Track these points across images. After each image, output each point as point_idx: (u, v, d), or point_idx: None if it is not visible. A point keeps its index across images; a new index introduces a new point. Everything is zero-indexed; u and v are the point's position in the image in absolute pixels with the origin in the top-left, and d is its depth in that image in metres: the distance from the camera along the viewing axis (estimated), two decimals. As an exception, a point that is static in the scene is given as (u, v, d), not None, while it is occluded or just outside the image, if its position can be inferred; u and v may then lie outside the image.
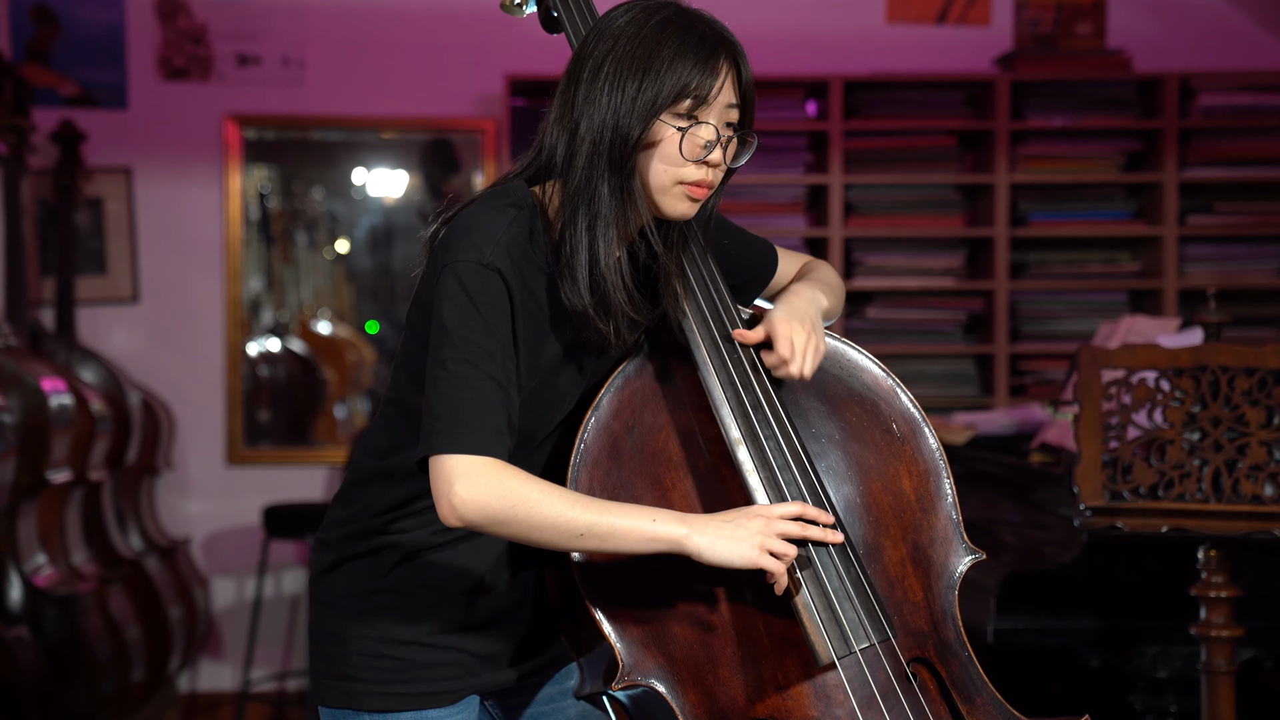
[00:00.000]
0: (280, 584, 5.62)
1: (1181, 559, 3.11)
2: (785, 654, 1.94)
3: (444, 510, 1.82)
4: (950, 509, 2.03)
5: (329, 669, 1.98)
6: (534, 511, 1.81)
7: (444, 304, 1.85)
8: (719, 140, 1.90)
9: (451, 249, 1.87)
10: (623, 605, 1.92)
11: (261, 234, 5.82)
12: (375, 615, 1.96)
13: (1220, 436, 2.82)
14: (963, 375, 5.38)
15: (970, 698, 1.98)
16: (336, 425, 5.97)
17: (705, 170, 1.90)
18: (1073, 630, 3.35)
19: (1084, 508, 2.87)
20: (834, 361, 2.04)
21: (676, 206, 1.91)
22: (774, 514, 1.88)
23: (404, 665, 1.96)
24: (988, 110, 5.35)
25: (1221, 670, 2.93)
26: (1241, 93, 5.35)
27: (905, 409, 2.05)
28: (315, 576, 2.04)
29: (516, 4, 2.05)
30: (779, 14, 5.59)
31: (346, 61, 5.59)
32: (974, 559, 2.03)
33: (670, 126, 1.88)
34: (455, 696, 1.98)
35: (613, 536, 1.84)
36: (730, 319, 2.00)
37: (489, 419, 1.82)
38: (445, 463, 1.81)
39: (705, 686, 1.93)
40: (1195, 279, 5.32)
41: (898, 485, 2.03)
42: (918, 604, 2.00)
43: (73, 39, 5.52)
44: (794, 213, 5.37)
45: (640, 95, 1.86)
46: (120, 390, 5.05)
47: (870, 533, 2.00)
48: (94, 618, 4.41)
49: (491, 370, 1.83)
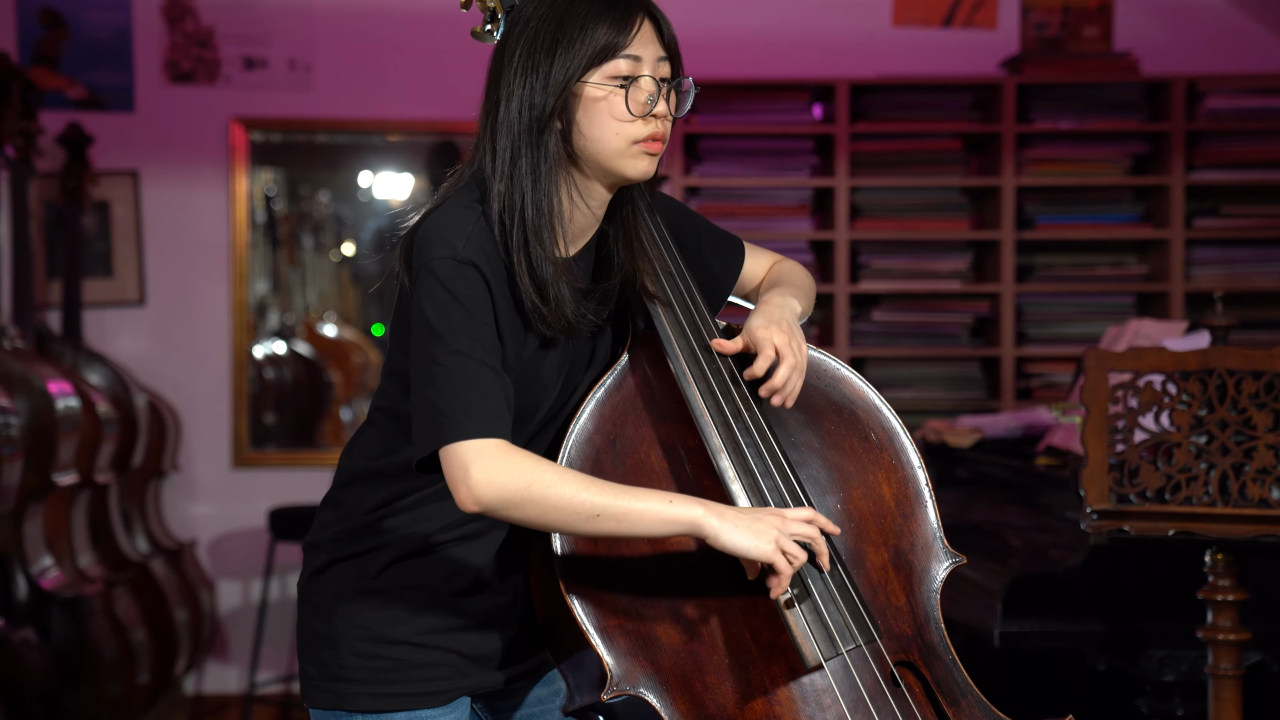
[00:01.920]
0: (286, 586, 5.62)
1: (1188, 562, 3.11)
2: (772, 660, 1.95)
3: (461, 496, 1.82)
4: (930, 514, 2.06)
5: (320, 671, 1.99)
6: (550, 493, 1.82)
7: (426, 303, 1.86)
8: (660, 92, 1.92)
9: (425, 250, 1.89)
10: (610, 616, 1.93)
11: (268, 237, 5.82)
12: (366, 615, 1.97)
13: (1227, 440, 2.81)
14: (969, 378, 5.38)
15: (955, 700, 2.00)
16: (342, 428, 5.97)
17: (654, 124, 1.92)
18: (1079, 634, 3.34)
19: (1090, 511, 2.87)
20: (812, 373, 2.06)
21: (637, 165, 1.93)
22: (789, 516, 1.89)
23: (396, 665, 1.96)
24: (994, 113, 5.35)
25: (1228, 674, 2.93)
26: (1248, 96, 5.34)
27: (883, 418, 2.08)
28: (306, 579, 2.03)
29: (487, 30, 2.07)
30: (785, 17, 5.59)
31: (353, 65, 5.59)
32: (954, 563, 2.06)
33: (609, 89, 1.90)
34: (448, 697, 1.98)
35: (628, 518, 1.84)
36: (708, 329, 2.02)
37: (491, 403, 1.83)
38: (457, 450, 1.82)
39: (694, 694, 1.93)
40: (1202, 282, 5.31)
41: (878, 492, 2.05)
42: (901, 608, 2.02)
43: (80, 42, 5.53)
44: (800, 215, 5.37)
45: (553, 70, 1.89)
46: (126, 393, 5.05)
47: (852, 539, 2.03)
48: (100, 620, 4.41)
49: (483, 357, 1.84)
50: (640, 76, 1.91)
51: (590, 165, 1.93)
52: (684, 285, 2.03)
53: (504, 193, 1.91)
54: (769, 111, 5.34)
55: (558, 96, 1.89)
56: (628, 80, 1.90)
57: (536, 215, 1.90)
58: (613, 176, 1.94)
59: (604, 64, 1.89)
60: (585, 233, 1.99)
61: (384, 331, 6.06)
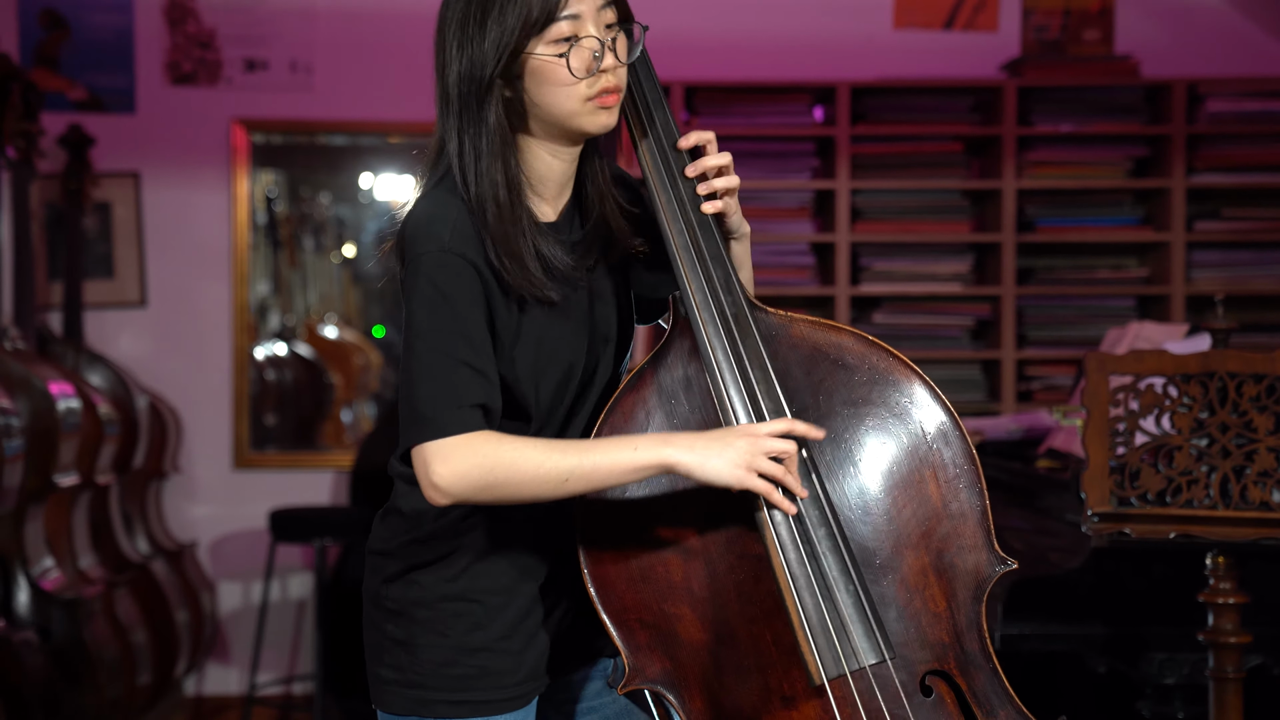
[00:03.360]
0: (286, 588, 5.62)
1: (1189, 565, 3.11)
2: (792, 665, 1.92)
3: (429, 494, 1.85)
4: (980, 515, 1.96)
5: (398, 677, 1.98)
6: (514, 470, 1.83)
7: (413, 298, 1.88)
8: (605, 45, 1.90)
9: (414, 245, 1.90)
10: (630, 609, 1.92)
11: (269, 238, 5.82)
12: (446, 623, 1.96)
13: (1228, 442, 2.81)
14: (969, 381, 5.38)
15: (994, 711, 1.93)
16: (343, 429, 5.97)
17: (604, 78, 1.91)
18: (1080, 637, 3.34)
19: (1091, 514, 2.87)
20: (861, 363, 1.99)
21: (596, 120, 1.92)
22: (760, 432, 1.86)
23: (477, 673, 1.96)
24: (995, 116, 5.35)
25: (1229, 677, 2.93)
26: (1249, 99, 5.35)
27: (936, 412, 1.98)
28: (378, 585, 2.02)
29: None
30: (786, 19, 5.59)
31: (354, 66, 5.59)
32: (1004, 568, 1.96)
33: (550, 53, 1.88)
34: (525, 700, 1.99)
35: (597, 473, 1.85)
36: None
37: (462, 399, 1.84)
38: (421, 451, 1.85)
39: (711, 694, 1.92)
40: (1203, 285, 5.31)
41: (923, 491, 1.96)
42: (939, 614, 1.94)
43: (81, 44, 5.53)
44: (801, 218, 5.37)
45: (487, 40, 1.88)
46: (128, 394, 5.05)
47: (890, 541, 1.95)
48: (101, 621, 4.41)
49: (463, 355, 1.85)
50: (583, 36, 1.89)
51: (550, 128, 1.93)
52: (711, 253, 2.00)
53: (459, 169, 1.92)
54: (770, 114, 5.34)
55: (494, 67, 1.88)
56: (570, 42, 1.88)
57: (491, 188, 1.90)
58: (573, 134, 1.94)
59: (545, 30, 1.88)
60: (564, 189, 1.99)
61: (385, 333, 6.06)
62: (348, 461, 5.62)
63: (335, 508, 5.38)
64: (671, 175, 1.99)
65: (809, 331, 1.99)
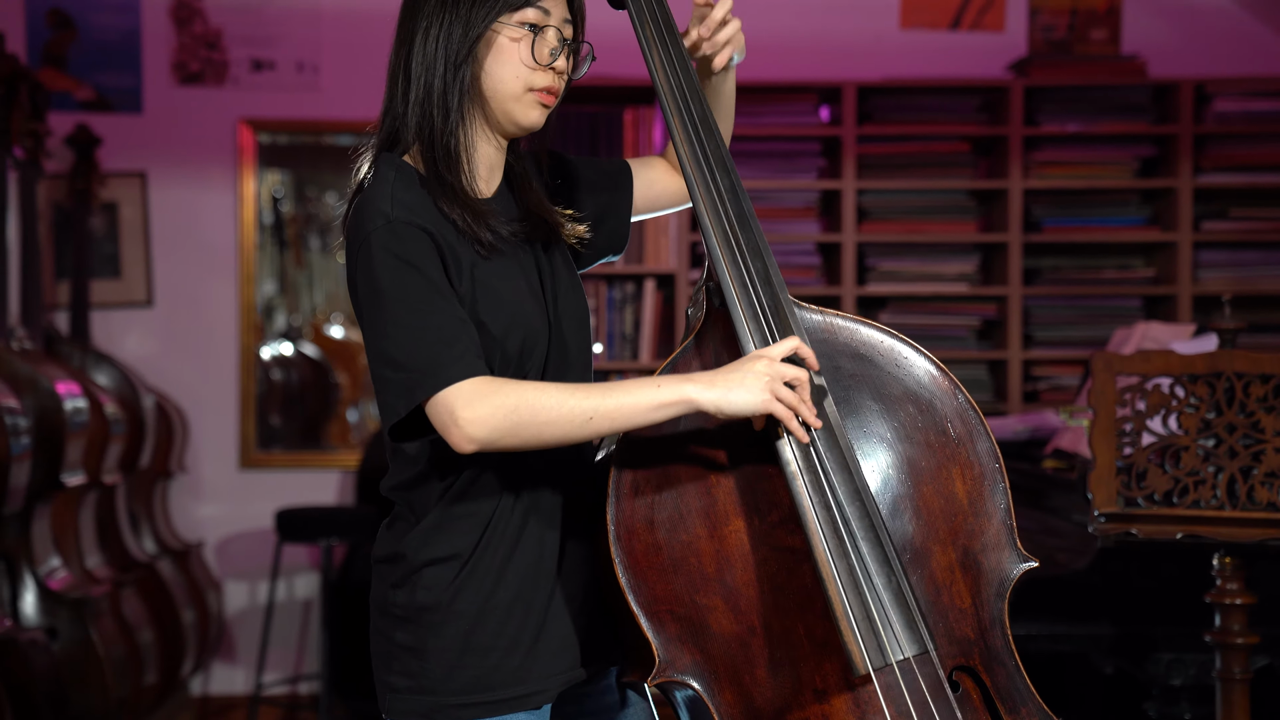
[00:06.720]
0: (293, 587, 5.62)
1: (1196, 566, 3.10)
2: (825, 658, 1.92)
3: (455, 440, 1.84)
4: (1004, 514, 2.00)
5: (409, 684, 1.98)
6: (539, 412, 1.84)
7: (374, 271, 1.89)
8: (563, 50, 1.98)
9: (360, 226, 1.92)
10: (660, 601, 1.92)
11: (275, 238, 5.83)
12: (455, 624, 1.96)
13: (1235, 443, 2.81)
14: (976, 381, 5.37)
15: (1015, 708, 1.96)
16: (349, 429, 5.98)
17: (551, 76, 1.98)
18: (1087, 637, 3.34)
19: (1098, 514, 2.87)
20: (890, 358, 2.02)
21: (529, 114, 1.99)
22: (773, 354, 1.90)
23: (488, 674, 1.96)
24: (1002, 116, 5.35)
25: (1236, 677, 2.92)
26: (1256, 98, 5.34)
27: (962, 409, 2.02)
28: (384, 593, 2.02)
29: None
30: (793, 19, 5.59)
31: (360, 66, 5.59)
32: (1027, 566, 2.00)
33: (516, 34, 1.96)
34: (539, 700, 1.98)
35: (620, 412, 1.86)
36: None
37: (460, 347, 1.86)
38: (440, 399, 1.85)
39: (742, 686, 1.92)
40: (1210, 285, 5.31)
41: (950, 488, 2.00)
42: (965, 610, 1.98)
43: (88, 44, 5.53)
44: (807, 218, 5.37)
45: (473, 10, 1.95)
46: (134, 394, 5.06)
47: (919, 536, 1.98)
48: (107, 621, 4.42)
49: (441, 306, 1.87)
50: (547, 27, 1.97)
51: (488, 109, 1.99)
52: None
53: (420, 123, 1.97)
54: (776, 114, 5.34)
55: (478, 34, 1.95)
56: (535, 29, 1.96)
57: (455, 144, 1.96)
58: (506, 120, 1.99)
59: (516, 11, 1.95)
60: (494, 172, 2.04)
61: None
62: (354, 461, 5.63)
63: (341, 507, 5.38)
64: (710, 170, 2.03)
65: (843, 326, 2.04)
